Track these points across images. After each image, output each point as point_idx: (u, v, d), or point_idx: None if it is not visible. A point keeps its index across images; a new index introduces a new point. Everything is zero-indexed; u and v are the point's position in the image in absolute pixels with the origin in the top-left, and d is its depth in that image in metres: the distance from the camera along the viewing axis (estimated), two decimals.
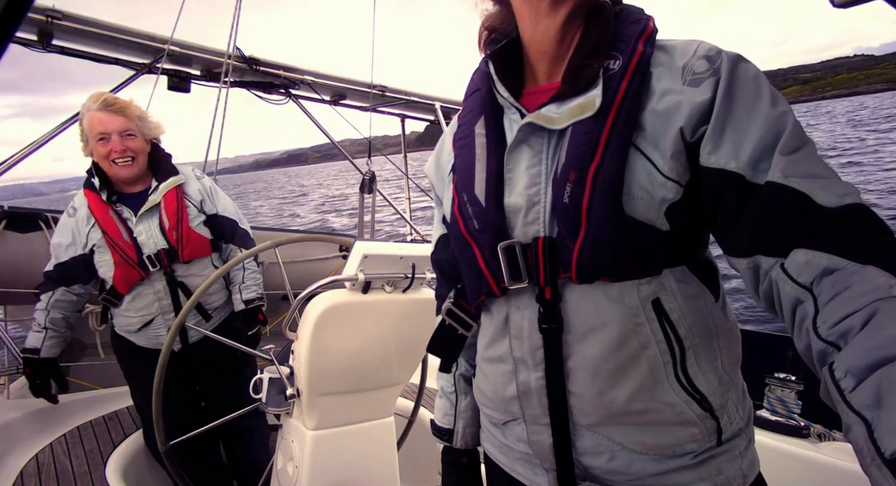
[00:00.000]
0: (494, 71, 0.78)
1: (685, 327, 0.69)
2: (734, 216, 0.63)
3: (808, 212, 0.57)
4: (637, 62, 0.68)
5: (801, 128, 0.62)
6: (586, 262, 0.67)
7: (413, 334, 1.65)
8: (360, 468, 1.66)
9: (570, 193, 0.67)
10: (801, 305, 0.56)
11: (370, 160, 3.85)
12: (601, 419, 0.72)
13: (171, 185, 2.01)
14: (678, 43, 0.70)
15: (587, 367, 0.71)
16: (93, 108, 1.90)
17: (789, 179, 0.59)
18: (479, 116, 0.80)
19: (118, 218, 1.94)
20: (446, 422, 0.99)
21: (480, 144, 0.78)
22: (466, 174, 0.78)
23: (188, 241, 1.99)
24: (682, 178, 0.66)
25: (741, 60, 0.66)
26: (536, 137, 0.72)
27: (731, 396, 0.73)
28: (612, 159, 0.66)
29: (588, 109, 0.68)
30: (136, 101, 2.04)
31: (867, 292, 0.50)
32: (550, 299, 0.71)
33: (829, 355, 0.50)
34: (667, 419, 0.70)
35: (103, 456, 2.00)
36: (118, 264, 1.92)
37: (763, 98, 0.63)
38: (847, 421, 0.45)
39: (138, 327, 2.01)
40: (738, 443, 0.75)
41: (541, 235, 0.71)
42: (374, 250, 1.46)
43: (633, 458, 0.73)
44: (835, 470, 1.51)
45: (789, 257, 0.57)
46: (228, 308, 2.17)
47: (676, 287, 0.69)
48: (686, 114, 0.65)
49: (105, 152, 1.90)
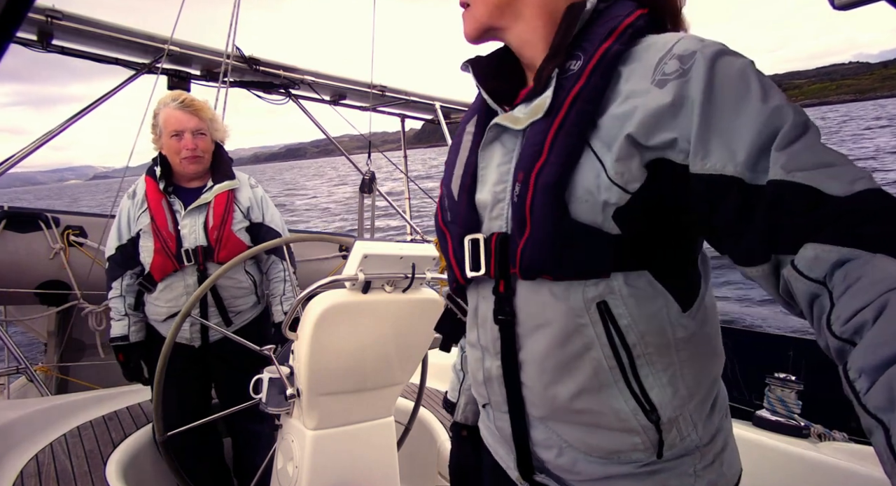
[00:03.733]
0: (480, 74, 0.81)
1: (635, 334, 0.67)
2: (738, 223, 0.58)
3: (817, 204, 0.53)
4: (596, 62, 0.67)
5: (802, 117, 0.58)
6: (527, 259, 0.69)
7: (413, 334, 1.65)
8: (360, 468, 1.66)
9: (518, 193, 0.69)
10: (818, 299, 0.52)
11: (370, 160, 3.85)
12: (549, 413, 0.74)
13: (224, 187, 2.10)
14: (662, 37, 0.67)
15: (535, 360, 0.73)
16: (171, 105, 2.03)
17: (792, 174, 0.54)
18: (473, 115, 0.84)
19: (168, 208, 2.04)
20: (452, 396, 1.07)
21: (466, 141, 0.82)
22: (449, 169, 0.83)
23: (227, 243, 2.06)
24: (630, 185, 0.64)
25: (723, 56, 0.61)
26: (509, 136, 0.74)
27: (687, 411, 0.71)
28: (555, 160, 0.66)
29: (539, 111, 0.69)
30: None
31: (878, 282, 0.47)
32: (504, 292, 0.74)
33: (846, 352, 0.47)
34: (608, 423, 0.70)
35: (103, 456, 2.00)
36: (157, 252, 2.00)
37: (751, 94, 0.59)
38: (867, 425, 0.43)
39: (165, 317, 2.07)
40: (692, 462, 0.72)
41: (502, 230, 0.73)
42: (374, 250, 1.46)
43: (579, 457, 0.74)
44: (835, 470, 1.51)
45: (798, 253, 0.53)
46: (254, 313, 2.20)
47: (627, 292, 0.67)
48: (638, 118, 0.62)
49: (177, 148, 2.02)
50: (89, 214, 3.38)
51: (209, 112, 2.12)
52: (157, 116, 2.06)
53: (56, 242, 3.02)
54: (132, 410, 2.35)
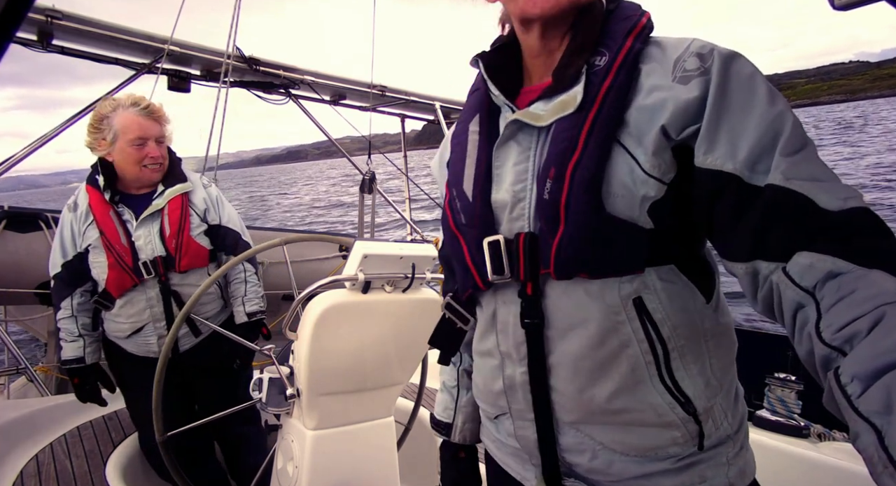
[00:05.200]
0: (486, 70, 0.79)
1: (669, 328, 0.68)
2: (732, 219, 0.61)
3: (811, 215, 0.55)
4: (623, 58, 0.68)
5: (801, 127, 0.60)
6: (564, 258, 0.67)
7: (413, 334, 1.65)
8: (360, 468, 1.66)
9: (550, 190, 0.68)
10: (803, 309, 0.54)
11: (370, 160, 3.85)
12: (582, 416, 0.72)
13: (177, 191, 1.97)
14: (673, 39, 0.69)
15: (568, 363, 0.71)
16: (132, 110, 1.89)
17: (791, 182, 0.57)
18: (475, 113, 0.81)
19: (118, 219, 1.90)
20: (446, 416, 1.01)
21: (473, 140, 0.80)
22: (457, 170, 0.80)
23: (187, 250, 1.95)
24: (666, 176, 0.65)
25: (735, 58, 0.64)
26: (525, 135, 0.73)
27: (718, 400, 0.71)
28: (591, 155, 0.66)
29: (570, 106, 0.68)
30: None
31: (874, 296, 0.48)
32: (532, 294, 0.72)
33: (833, 360, 0.49)
34: (648, 420, 0.70)
35: (103, 456, 2.00)
36: (112, 267, 1.88)
37: (759, 97, 0.62)
38: (855, 428, 0.44)
39: (128, 333, 1.96)
40: (725, 451, 0.73)
41: (525, 230, 0.71)
42: (374, 250, 1.46)
43: (615, 458, 0.73)
44: (835, 470, 1.51)
45: (791, 260, 0.55)
46: (221, 318, 2.11)
47: (660, 286, 0.68)
48: (670, 111, 0.64)
49: (139, 157, 1.89)
50: None
51: (168, 118, 1.99)
52: (106, 119, 1.89)
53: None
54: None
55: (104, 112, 1.90)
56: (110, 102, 1.93)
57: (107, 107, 1.90)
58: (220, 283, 2.09)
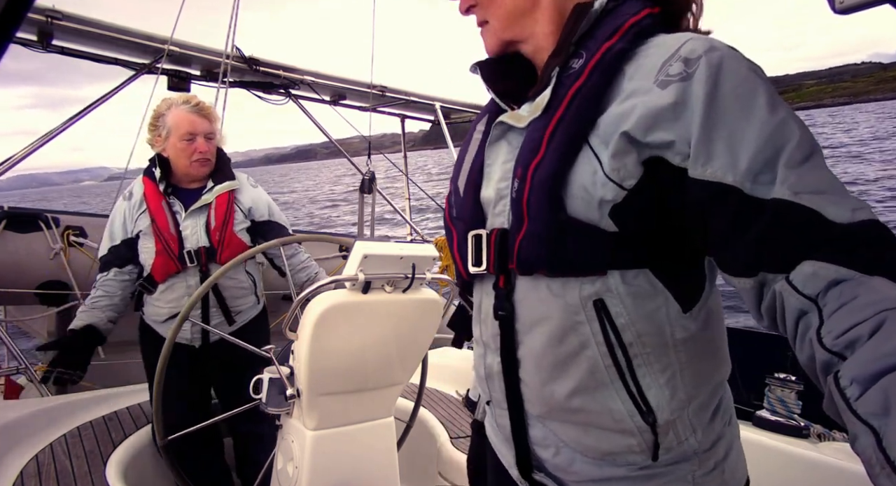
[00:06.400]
0: (484, 77, 0.82)
1: (632, 333, 0.67)
2: (732, 233, 0.59)
3: (818, 227, 0.54)
4: (597, 61, 0.67)
5: (808, 133, 0.58)
6: (524, 255, 0.70)
7: (413, 334, 1.65)
8: (361, 469, 1.66)
9: (517, 189, 0.70)
10: (805, 316, 0.53)
11: (370, 160, 3.85)
12: (546, 411, 0.74)
13: (225, 188, 2.11)
14: (670, 38, 0.66)
15: (532, 357, 0.73)
16: (183, 107, 2.06)
17: (799, 196, 0.55)
18: (485, 115, 0.86)
19: (169, 210, 2.04)
20: (474, 395, 1.10)
21: (475, 139, 0.84)
22: (458, 167, 0.85)
23: (229, 243, 2.07)
24: (626, 181, 0.64)
25: (729, 61, 0.61)
26: (514, 135, 0.75)
27: (686, 414, 0.70)
28: (551, 157, 0.67)
29: (539, 108, 0.70)
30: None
31: (875, 302, 0.48)
32: (504, 287, 0.74)
33: (834, 365, 0.48)
34: (604, 423, 0.70)
35: (103, 456, 2.00)
36: (159, 253, 2.01)
37: (758, 103, 0.59)
38: (853, 431, 0.44)
39: (165, 317, 2.07)
40: (690, 468, 0.71)
41: (504, 226, 0.74)
42: (374, 250, 1.46)
43: (575, 457, 0.74)
44: (835, 470, 1.51)
45: (795, 269, 0.54)
46: (252, 313, 2.21)
47: (624, 290, 0.66)
48: (637, 116, 0.62)
49: (188, 151, 2.04)
50: (89, 215, 3.39)
51: (217, 117, 2.18)
52: (161, 117, 2.07)
53: (56, 242, 3.03)
54: (132, 410, 2.34)
55: (160, 111, 2.08)
56: (165, 101, 2.11)
57: (163, 106, 2.09)
58: (254, 279, 2.21)
